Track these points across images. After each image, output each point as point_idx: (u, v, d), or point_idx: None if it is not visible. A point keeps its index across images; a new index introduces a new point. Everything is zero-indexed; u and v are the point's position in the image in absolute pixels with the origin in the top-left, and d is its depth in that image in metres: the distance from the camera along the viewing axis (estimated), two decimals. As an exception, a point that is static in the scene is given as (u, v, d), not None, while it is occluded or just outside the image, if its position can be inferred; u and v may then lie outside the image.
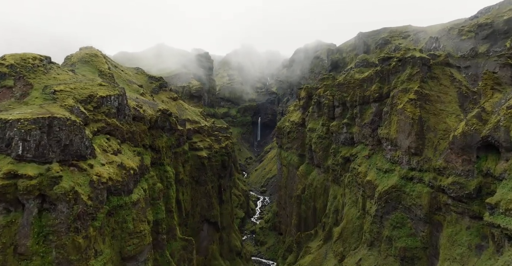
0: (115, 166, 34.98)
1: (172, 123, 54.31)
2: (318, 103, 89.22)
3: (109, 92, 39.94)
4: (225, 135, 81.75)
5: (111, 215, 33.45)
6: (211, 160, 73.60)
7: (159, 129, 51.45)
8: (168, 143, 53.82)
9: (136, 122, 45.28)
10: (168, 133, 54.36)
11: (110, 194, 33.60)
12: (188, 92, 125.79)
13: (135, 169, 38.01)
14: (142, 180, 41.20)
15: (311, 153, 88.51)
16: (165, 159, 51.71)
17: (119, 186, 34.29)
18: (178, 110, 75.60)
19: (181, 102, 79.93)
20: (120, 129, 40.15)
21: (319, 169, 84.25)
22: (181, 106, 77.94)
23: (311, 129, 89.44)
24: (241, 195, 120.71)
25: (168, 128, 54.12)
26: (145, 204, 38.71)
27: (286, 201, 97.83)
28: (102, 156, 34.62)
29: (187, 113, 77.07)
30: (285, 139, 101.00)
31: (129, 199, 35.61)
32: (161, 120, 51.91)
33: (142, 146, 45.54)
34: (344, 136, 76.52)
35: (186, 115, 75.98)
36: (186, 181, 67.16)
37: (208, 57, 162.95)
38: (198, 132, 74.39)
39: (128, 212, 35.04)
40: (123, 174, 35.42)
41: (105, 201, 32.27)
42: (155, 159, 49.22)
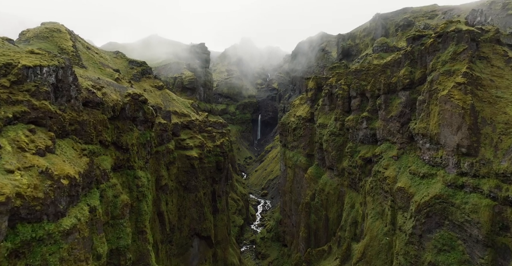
0: (34, 174, 22.16)
1: (147, 114, 41.30)
2: (329, 95, 76.34)
3: (40, 62, 26.99)
4: (220, 131, 68.81)
5: (19, 256, 20.52)
6: (203, 161, 60.56)
7: (127, 121, 38.42)
8: (142, 139, 40.87)
9: (90, 109, 32.42)
10: (142, 126, 41.38)
11: (18, 221, 20.64)
12: (180, 84, 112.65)
13: (73, 178, 25.08)
14: (91, 193, 28.32)
15: (321, 152, 75.66)
16: (136, 160, 38.80)
17: (36, 207, 21.36)
18: (163, 101, 62.57)
19: (168, 92, 66.91)
20: (56, 117, 27.26)
21: (332, 172, 71.33)
22: (168, 96, 64.90)
23: (321, 125, 76.57)
24: (240, 200, 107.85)
25: (141, 120, 41.10)
26: (89, 231, 25.81)
27: (292, 208, 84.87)
28: (13, 157, 21.84)
29: (174, 104, 64.05)
30: (290, 136, 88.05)
31: (57, 226, 22.62)
32: (130, 108, 38.80)
33: (99, 142, 32.73)
34: (363, 132, 63.57)
35: (173, 107, 62.98)
36: (171, 187, 54.15)
37: (204, 48, 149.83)
38: (188, 127, 61.39)
39: (54, 248, 22.17)
40: (47, 187, 22.55)
41: (5, 234, 19.37)
42: (121, 161, 36.35)
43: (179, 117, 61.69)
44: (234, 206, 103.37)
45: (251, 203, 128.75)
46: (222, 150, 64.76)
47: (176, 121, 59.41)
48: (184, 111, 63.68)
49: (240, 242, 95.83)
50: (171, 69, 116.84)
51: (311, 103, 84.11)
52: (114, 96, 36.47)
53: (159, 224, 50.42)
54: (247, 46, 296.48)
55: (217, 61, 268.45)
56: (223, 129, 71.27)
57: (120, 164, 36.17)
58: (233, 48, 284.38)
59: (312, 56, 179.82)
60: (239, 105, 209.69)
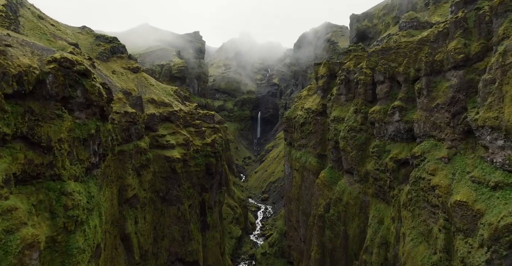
0: None
1: (91, 94, 26.94)
2: (346, 82, 62.55)
3: None
4: (212, 126, 54.89)
5: None
6: (188, 164, 46.60)
7: (51, 102, 24.35)
8: (81, 132, 26.89)
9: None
10: (83, 113, 27.35)
11: None
12: (168, 73, 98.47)
13: None
14: None
15: (337, 152, 61.87)
16: (67, 166, 24.92)
17: None
18: (138, 86, 48.57)
19: (145, 76, 52.88)
20: None
21: (351, 177, 57.53)
22: (144, 80, 50.93)
23: (336, 119, 62.75)
24: (238, 206, 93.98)
25: (80, 102, 26.96)
26: None
27: (299, 218, 70.89)
28: None
29: (152, 91, 50.09)
30: (297, 133, 74.13)
31: None
32: (56, 83, 24.42)
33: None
34: (395, 127, 49.69)
35: (150, 93, 49.03)
36: (143, 200, 40.14)
37: (199, 37, 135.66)
38: (168, 120, 47.47)
39: None
40: None
41: None
42: (36, 167, 22.45)
43: (157, 106, 47.75)
44: (230, 214, 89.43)
45: (250, 209, 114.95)
46: (213, 149, 50.86)
47: (152, 112, 45.46)
48: (164, 100, 49.70)
49: (238, 257, 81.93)
50: (158, 57, 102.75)
51: (322, 94, 70.17)
52: (26, 61, 22.60)
53: (124, 252, 36.34)
54: (246, 40, 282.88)
55: (215, 56, 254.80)
56: (215, 123, 57.29)
57: (34, 171, 22.32)
58: (231, 42, 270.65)
59: (317, 47, 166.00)
60: (237, 101, 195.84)
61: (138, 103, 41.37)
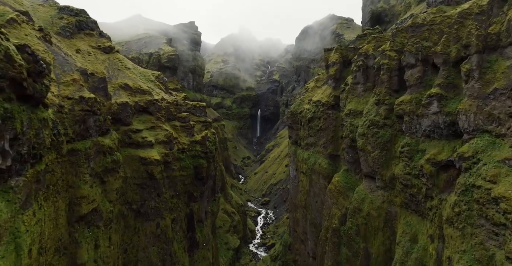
0: None
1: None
2: (364, 69, 52.67)
3: None
4: (203, 120, 44.91)
5: None
6: (170, 167, 36.58)
7: None
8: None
9: None
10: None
11: None
12: (156, 62, 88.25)
13: None
14: None
15: (353, 152, 52.06)
16: None
17: None
18: (109, 69, 38.55)
19: (120, 58, 42.79)
20: None
21: (372, 182, 47.64)
22: (118, 63, 40.90)
23: (352, 112, 52.90)
24: (236, 213, 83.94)
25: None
26: None
27: (307, 229, 60.85)
28: None
29: (126, 75, 40.08)
30: (303, 130, 64.13)
31: None
32: None
33: None
34: (431, 120, 39.79)
35: (124, 78, 38.97)
36: (107, 215, 30.10)
37: (195, 28, 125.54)
38: (146, 111, 37.52)
39: None
40: None
41: None
42: None
43: (132, 94, 37.78)
44: (227, 222, 79.33)
45: (249, 214, 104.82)
46: (204, 148, 40.89)
47: (124, 101, 35.44)
48: (141, 86, 39.66)
49: (235, 272, 71.87)
50: (147, 44, 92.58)
51: (334, 84, 60.10)
52: None
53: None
54: (245, 36, 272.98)
55: (212, 51, 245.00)
56: (206, 117, 47.12)
57: None
58: (230, 38, 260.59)
59: (321, 40, 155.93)
60: (236, 98, 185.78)
61: (101, 87, 31.36)
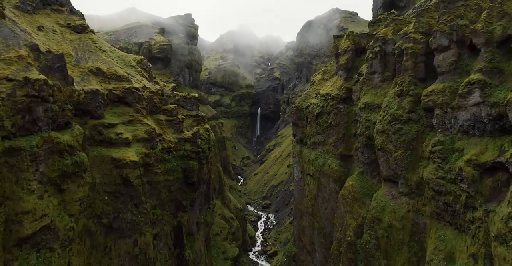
0: None
1: None
2: (382, 56, 45.82)
3: None
4: (194, 114, 37.89)
5: None
6: (152, 170, 29.65)
7: None
8: None
9: None
10: None
11: None
12: (147, 53, 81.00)
13: None
14: None
15: (369, 152, 45.21)
16: None
17: None
18: (78, 50, 31.54)
19: (94, 39, 35.72)
20: None
21: (394, 187, 40.69)
22: (90, 44, 33.87)
23: (368, 106, 46.02)
24: (234, 218, 76.96)
25: None
26: None
27: (315, 240, 53.86)
28: None
29: (99, 58, 33.07)
30: (310, 127, 57.16)
31: None
32: None
33: None
34: (471, 113, 32.86)
35: (96, 61, 31.92)
36: (66, 234, 22.87)
37: (191, 20, 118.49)
38: (123, 102, 30.65)
39: None
40: None
41: None
42: None
43: (105, 80, 30.84)
44: (225, 228, 72.29)
45: (249, 218, 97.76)
46: (195, 148, 33.95)
47: (94, 88, 28.42)
48: (118, 72, 32.64)
49: (234, 284, 64.88)
50: (137, 34, 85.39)
51: (346, 74, 53.10)
52: None
53: None
54: (245, 33, 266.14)
55: (211, 48, 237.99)
56: (198, 110, 39.95)
57: None
58: (229, 34, 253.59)
59: (324, 35, 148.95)
60: (235, 96, 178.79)
61: (57, 67, 24.31)
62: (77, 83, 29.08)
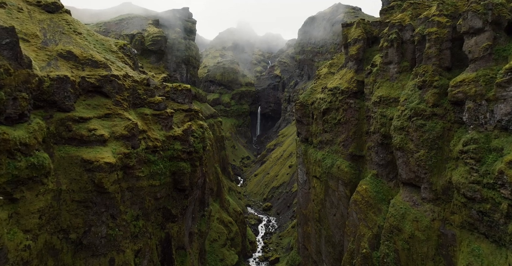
0: None
1: None
2: (399, 44, 40.92)
3: None
4: (186, 109, 32.80)
5: None
6: (133, 174, 24.63)
7: None
8: None
9: None
10: None
11: None
12: (139, 45, 75.80)
13: None
14: None
15: (385, 152, 40.20)
16: None
17: None
18: (47, 32, 26.44)
19: (68, 19, 30.75)
20: None
21: (415, 192, 35.71)
22: (63, 25, 28.84)
23: (383, 100, 41.00)
24: (233, 223, 71.95)
25: None
26: None
27: (322, 249, 48.88)
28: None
29: (73, 41, 28.09)
30: (316, 124, 52.15)
31: None
32: None
33: None
34: (511, 106, 27.67)
35: (69, 44, 26.91)
36: (19, 254, 17.55)
37: (188, 14, 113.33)
38: (99, 92, 25.67)
39: None
40: None
41: None
42: None
43: (77, 66, 25.87)
44: (223, 234, 67.24)
45: (249, 222, 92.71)
46: (186, 147, 28.98)
47: (62, 75, 23.45)
48: (94, 57, 27.64)
49: (233, 295, 59.87)
50: (129, 25, 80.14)
51: (356, 66, 48.01)
52: None
53: None
54: (244, 30, 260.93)
55: (210, 46, 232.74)
56: (191, 104, 34.81)
57: None
58: (228, 32, 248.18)
59: (326, 31, 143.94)
60: (234, 94, 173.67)
61: (5, 43, 19.18)
62: (42, 68, 24.16)
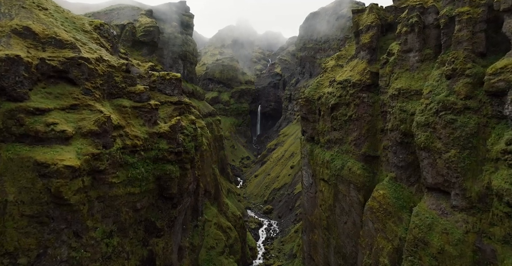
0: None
1: None
2: (420, 29, 35.81)
3: None
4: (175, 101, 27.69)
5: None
6: (105, 180, 19.50)
7: None
8: None
9: None
10: None
11: None
12: (130, 36, 70.59)
13: None
14: None
15: (405, 152, 35.15)
16: None
17: None
18: (1, 4, 20.97)
19: (33, -7, 25.43)
20: None
21: (444, 199, 30.54)
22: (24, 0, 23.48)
23: (403, 93, 36.02)
24: (232, 228, 66.81)
25: None
26: None
27: (330, 259, 43.83)
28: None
29: (34, 16, 22.94)
30: (324, 122, 47.06)
31: None
32: None
33: None
34: None
35: (28, 20, 21.79)
36: None
37: (186, 8, 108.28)
38: (63, 77, 20.45)
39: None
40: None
41: None
42: None
43: (36, 46, 20.80)
44: (221, 240, 62.05)
45: (249, 226, 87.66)
46: (174, 146, 23.87)
47: (14, 55, 18.37)
48: (59, 35, 22.69)
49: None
50: (120, 16, 75.15)
51: (369, 56, 42.94)
52: None
53: None
54: (244, 28, 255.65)
55: (209, 43, 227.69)
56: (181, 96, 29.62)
57: None
58: (228, 29, 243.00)
59: (330, 26, 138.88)
60: (234, 92, 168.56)
61: None
62: (-10, 48, 19.34)
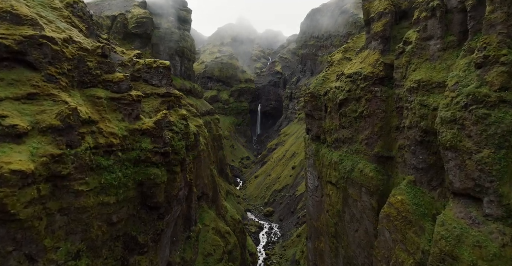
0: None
1: None
2: (442, 14, 31.93)
3: None
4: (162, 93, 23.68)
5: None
6: (69, 188, 15.34)
7: None
8: None
9: None
10: None
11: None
12: (121, 28, 66.45)
13: None
14: None
15: (426, 152, 31.10)
16: None
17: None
18: None
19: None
20: None
21: (475, 206, 26.37)
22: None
23: (422, 85, 31.98)
24: (231, 233, 62.94)
25: None
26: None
27: (339, 271, 39.67)
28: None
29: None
30: (331, 119, 43.09)
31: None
32: None
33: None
34: None
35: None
36: None
37: (183, 2, 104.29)
38: (21, 60, 16.43)
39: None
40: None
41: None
42: None
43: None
44: (219, 246, 58.23)
45: (249, 229, 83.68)
46: (160, 146, 19.88)
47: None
48: (17, 9, 18.71)
49: None
50: (111, 6, 71.00)
51: (382, 46, 38.97)
52: None
53: None
54: (244, 26, 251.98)
55: (208, 41, 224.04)
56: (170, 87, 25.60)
57: None
58: (228, 27, 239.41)
59: (331, 23, 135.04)
60: (233, 91, 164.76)
61: None
62: None
